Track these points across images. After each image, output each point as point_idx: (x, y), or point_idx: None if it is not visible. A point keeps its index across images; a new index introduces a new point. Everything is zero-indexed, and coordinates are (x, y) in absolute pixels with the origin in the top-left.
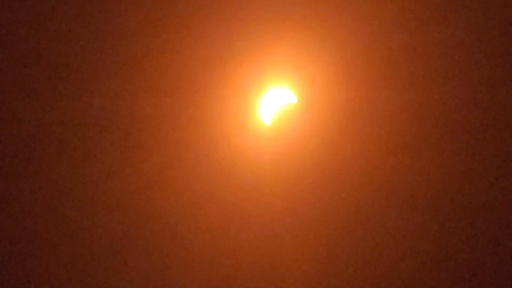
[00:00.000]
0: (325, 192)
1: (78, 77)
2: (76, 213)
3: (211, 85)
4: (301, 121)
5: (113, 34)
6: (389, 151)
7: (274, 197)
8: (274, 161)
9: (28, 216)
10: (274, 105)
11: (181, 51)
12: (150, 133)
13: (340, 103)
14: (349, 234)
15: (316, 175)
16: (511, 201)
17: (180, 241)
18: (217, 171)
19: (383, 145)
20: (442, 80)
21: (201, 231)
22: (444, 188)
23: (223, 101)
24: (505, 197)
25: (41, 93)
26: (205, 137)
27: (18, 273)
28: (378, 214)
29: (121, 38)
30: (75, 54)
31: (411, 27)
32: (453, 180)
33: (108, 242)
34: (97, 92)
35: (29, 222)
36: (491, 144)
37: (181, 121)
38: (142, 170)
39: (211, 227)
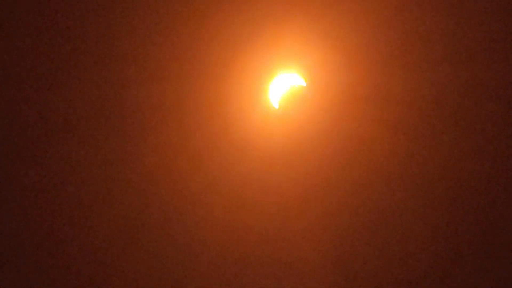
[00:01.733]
0: (333, 175)
1: (81, 66)
2: (82, 202)
3: (220, 69)
4: (310, 104)
5: (117, 21)
6: (397, 134)
7: (283, 179)
8: (283, 144)
9: (29, 209)
10: (282, 88)
11: (189, 36)
12: (159, 117)
13: (348, 87)
14: (350, 208)
15: (324, 158)
16: None
17: (189, 226)
18: (227, 154)
19: (392, 128)
20: (453, 64)
21: (211, 215)
22: (453, 172)
23: (233, 84)
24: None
25: (43, 85)
26: (214, 120)
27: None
28: (384, 195)
29: (126, 24)
30: (75, 44)
31: (421, 11)
32: (462, 163)
33: (115, 229)
34: (104, 78)
35: (30, 216)
36: (501, 131)
37: (190, 105)
38: (150, 153)
39: (221, 208)
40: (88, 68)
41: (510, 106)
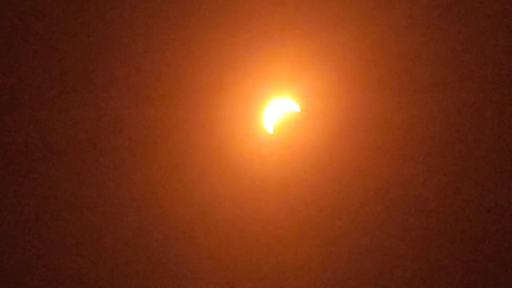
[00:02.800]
0: (327, 199)
1: (87, 83)
2: (84, 216)
3: (216, 94)
4: (304, 129)
5: (109, 43)
6: (391, 158)
7: (277, 203)
8: (277, 168)
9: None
10: (277, 114)
11: (184, 61)
12: (153, 141)
13: (342, 112)
14: (350, 238)
15: (318, 182)
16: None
17: (179, 254)
18: (221, 178)
19: (385, 153)
20: (445, 88)
21: (204, 239)
22: (448, 194)
23: (228, 109)
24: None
25: (52, 99)
26: (209, 144)
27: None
28: (380, 220)
29: (118, 47)
30: (65, 66)
31: (412, 36)
32: (456, 187)
33: (114, 245)
34: (95, 101)
35: (39, 225)
36: (494, 150)
37: (185, 129)
38: (141, 179)
39: (213, 235)
40: (79, 91)
41: (506, 129)
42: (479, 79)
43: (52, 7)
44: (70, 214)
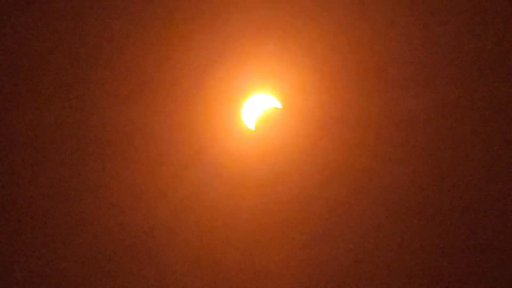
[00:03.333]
0: (308, 196)
1: (71, 83)
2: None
3: (196, 91)
4: (285, 125)
5: (89, 42)
6: (372, 156)
7: (258, 200)
8: (258, 165)
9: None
10: (257, 110)
11: (162, 57)
12: (132, 139)
13: (323, 108)
14: (330, 236)
15: (299, 179)
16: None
17: (158, 253)
18: (202, 175)
19: (366, 150)
20: (428, 84)
21: (183, 238)
22: (430, 192)
23: (208, 106)
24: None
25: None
26: (190, 141)
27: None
28: (362, 216)
29: (97, 46)
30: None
31: (394, 33)
32: (441, 184)
33: (100, 243)
34: (74, 101)
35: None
36: (483, 148)
37: (166, 126)
38: (121, 178)
39: (193, 234)
40: (59, 90)
41: (496, 124)
42: (462, 76)
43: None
44: (55, 210)
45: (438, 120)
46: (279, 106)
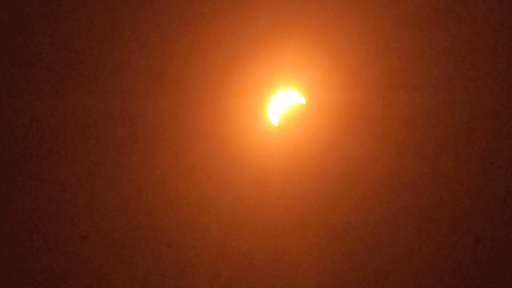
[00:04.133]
0: (331, 193)
1: (93, 74)
2: (85, 210)
3: (221, 86)
4: (309, 121)
5: (112, 31)
6: (396, 153)
7: (281, 195)
8: (281, 161)
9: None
10: (282, 106)
11: (188, 52)
12: (158, 133)
13: (348, 105)
14: (353, 230)
15: (323, 176)
16: None
17: (182, 245)
18: (225, 171)
19: (391, 147)
20: (451, 82)
21: (208, 231)
22: (452, 191)
23: (232, 101)
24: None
25: (45, 92)
26: (214, 137)
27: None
28: (385, 211)
29: (123, 35)
30: (78, 52)
31: (420, 28)
32: (461, 183)
33: (115, 239)
34: (96, 89)
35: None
36: (500, 147)
37: (190, 121)
38: (144, 169)
39: (217, 227)
40: (80, 77)
41: (507, 123)
42: (485, 75)
43: None
44: (75, 204)
45: (465, 117)
46: (303, 102)
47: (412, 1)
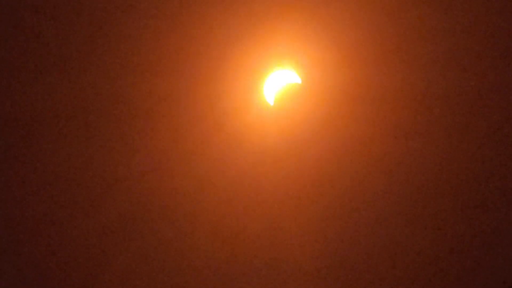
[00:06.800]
0: (326, 172)
1: (90, 53)
2: (85, 186)
3: (216, 66)
4: (305, 101)
5: (110, 17)
6: (392, 132)
7: (276, 174)
8: (277, 141)
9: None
10: (278, 85)
11: (183, 33)
12: (150, 113)
13: (344, 84)
14: (349, 209)
15: (318, 155)
16: None
17: (179, 224)
18: (221, 150)
19: (386, 127)
20: (449, 63)
21: (204, 211)
22: (449, 172)
23: (228, 81)
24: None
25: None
26: (209, 116)
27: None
28: (381, 191)
29: (118, 20)
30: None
31: (420, 8)
32: (460, 163)
33: (104, 229)
34: (92, 73)
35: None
36: (498, 131)
37: (183, 101)
38: (141, 150)
39: (213, 206)
40: (77, 62)
41: (508, 107)
42: (483, 56)
43: None
44: (71, 184)
45: (462, 98)
46: (299, 81)
47: None
